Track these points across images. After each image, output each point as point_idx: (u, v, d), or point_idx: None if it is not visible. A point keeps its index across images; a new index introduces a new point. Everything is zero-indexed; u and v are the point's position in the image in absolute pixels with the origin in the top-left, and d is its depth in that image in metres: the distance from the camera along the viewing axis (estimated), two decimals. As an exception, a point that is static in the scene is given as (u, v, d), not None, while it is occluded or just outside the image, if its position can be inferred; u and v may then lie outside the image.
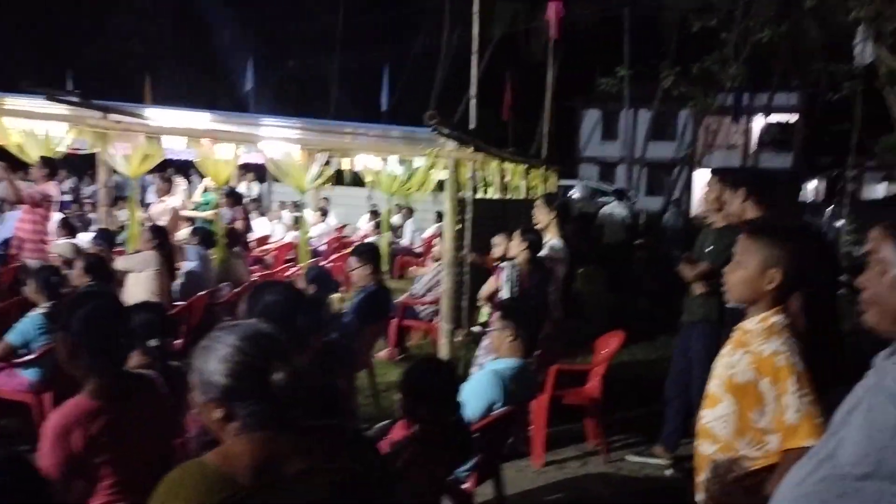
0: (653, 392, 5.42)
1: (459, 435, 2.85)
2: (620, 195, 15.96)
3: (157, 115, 8.33)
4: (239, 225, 8.69)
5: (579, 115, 38.10)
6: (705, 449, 2.44)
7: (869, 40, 8.85)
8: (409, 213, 13.59)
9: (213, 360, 1.65)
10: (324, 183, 7.98)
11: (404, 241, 13.17)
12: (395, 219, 13.91)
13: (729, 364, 2.41)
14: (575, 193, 26.46)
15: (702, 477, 2.45)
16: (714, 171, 4.57)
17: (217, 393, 1.65)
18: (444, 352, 6.68)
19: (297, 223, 9.89)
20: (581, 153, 38.06)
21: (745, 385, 2.32)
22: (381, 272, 5.74)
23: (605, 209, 15.20)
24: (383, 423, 3.43)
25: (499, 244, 5.75)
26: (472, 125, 7.19)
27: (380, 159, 7.85)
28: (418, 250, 12.69)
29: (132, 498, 2.26)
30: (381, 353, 7.15)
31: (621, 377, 6.62)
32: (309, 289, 4.79)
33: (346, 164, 10.82)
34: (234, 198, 9.06)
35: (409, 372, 2.87)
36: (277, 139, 7.70)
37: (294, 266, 8.57)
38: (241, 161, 11.36)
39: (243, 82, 21.46)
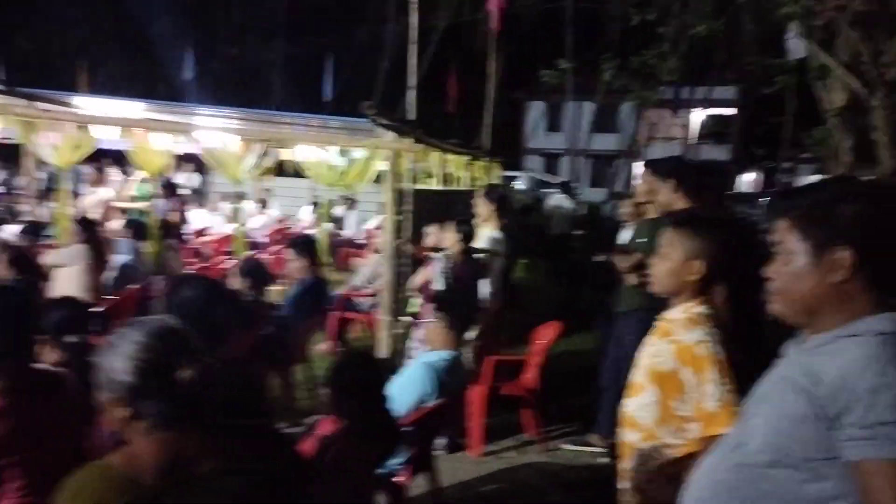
0: (590, 381, 5.48)
1: (388, 429, 2.83)
2: (567, 188, 16.15)
3: (87, 104, 8.08)
4: (174, 217, 8.50)
5: (524, 107, 38.36)
6: (629, 437, 2.47)
7: (800, 35, 9.08)
8: (353, 204, 13.48)
9: (118, 358, 1.60)
10: (262, 174, 7.85)
11: (347, 233, 13.06)
12: (339, 210, 13.78)
13: (653, 353, 2.45)
14: (519, 185, 26.66)
15: (626, 465, 2.48)
16: (646, 163, 4.62)
17: (122, 392, 1.59)
18: (384, 344, 6.64)
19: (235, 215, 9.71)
20: (526, 145, 38.33)
21: (668, 374, 2.35)
22: (318, 264, 5.67)
23: (552, 201, 15.35)
24: (312, 418, 3.38)
25: (431, 234, 5.73)
26: (411, 116, 7.15)
27: (320, 150, 7.75)
28: (362, 242, 12.59)
29: (43, 500, 2.17)
30: (321, 347, 7.08)
31: (560, 367, 6.68)
32: (243, 282, 4.70)
33: (286, 155, 10.68)
34: (169, 189, 8.85)
35: (334, 367, 2.84)
36: (214, 129, 7.55)
37: (232, 259, 8.41)
38: (181, 151, 11.12)
39: (182, 71, 21.01)
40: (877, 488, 1.34)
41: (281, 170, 13.35)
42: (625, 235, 6.71)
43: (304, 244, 5.48)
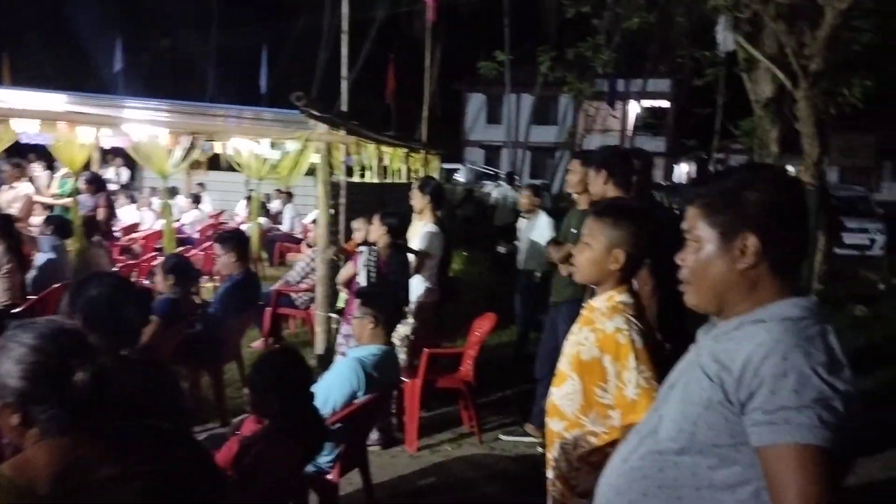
0: (527, 372, 5.50)
1: (311, 426, 2.77)
2: (512, 179, 16.20)
3: (7, 97, 7.74)
4: (101, 213, 8.20)
5: (464, 99, 38.41)
6: (554, 426, 2.47)
7: (728, 28, 9.27)
8: (289, 198, 13.27)
9: (7, 361, 1.51)
10: (191, 167, 7.64)
11: (284, 227, 12.85)
12: (275, 204, 13.55)
13: (576, 342, 2.45)
14: (460, 177, 26.72)
15: (551, 454, 2.48)
16: (576, 154, 4.65)
17: (12, 397, 1.51)
18: (320, 340, 6.56)
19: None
20: (466, 136, 38.40)
21: (591, 362, 2.35)
22: (248, 259, 5.55)
23: (497, 192, 15.37)
24: (238, 418, 3.30)
25: (359, 228, 5.66)
26: (344, 107, 7.04)
27: (253, 143, 7.60)
28: (298, 236, 12.41)
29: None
30: (256, 343, 6.95)
31: (497, 358, 6.71)
32: (167, 279, 4.57)
33: (219, 148, 10.45)
34: (96, 184, 8.52)
35: (255, 366, 2.76)
36: (140, 121, 7.31)
37: (162, 255, 8.19)
38: (108, 145, 10.78)
39: (113, 63, 20.38)
40: (781, 472, 1.35)
41: (215, 163, 13.05)
42: (522, 225, 7.07)
43: (231, 238, 5.33)
